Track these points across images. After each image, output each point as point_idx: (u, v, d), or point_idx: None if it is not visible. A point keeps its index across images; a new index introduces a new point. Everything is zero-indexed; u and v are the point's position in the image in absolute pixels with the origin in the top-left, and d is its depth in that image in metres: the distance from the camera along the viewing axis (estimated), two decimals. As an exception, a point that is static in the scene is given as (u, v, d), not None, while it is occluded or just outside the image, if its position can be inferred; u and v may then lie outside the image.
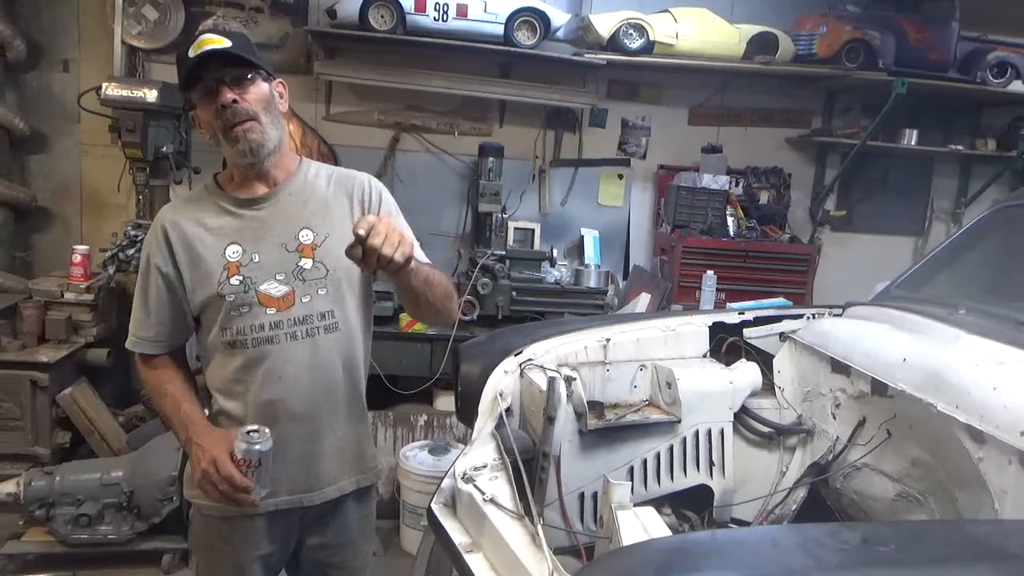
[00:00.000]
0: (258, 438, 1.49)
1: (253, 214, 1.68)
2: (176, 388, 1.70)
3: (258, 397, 1.65)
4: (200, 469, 1.54)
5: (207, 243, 1.65)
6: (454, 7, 3.86)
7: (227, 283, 1.62)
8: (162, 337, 1.72)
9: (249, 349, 1.64)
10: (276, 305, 1.63)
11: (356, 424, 1.80)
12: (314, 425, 1.70)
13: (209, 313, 1.66)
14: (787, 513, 2.35)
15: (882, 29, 4.20)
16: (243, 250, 1.64)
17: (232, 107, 1.57)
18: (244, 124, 1.59)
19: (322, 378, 1.69)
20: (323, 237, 1.67)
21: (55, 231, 4.25)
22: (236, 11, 4.17)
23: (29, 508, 3.04)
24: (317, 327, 1.66)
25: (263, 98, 1.63)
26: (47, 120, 4.16)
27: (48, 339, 3.50)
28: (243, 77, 1.60)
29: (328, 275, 1.67)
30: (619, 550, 1.31)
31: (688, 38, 4.11)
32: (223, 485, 1.51)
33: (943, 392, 1.85)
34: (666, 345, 2.47)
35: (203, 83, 1.59)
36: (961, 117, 4.80)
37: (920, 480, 2.02)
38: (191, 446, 1.59)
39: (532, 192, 4.52)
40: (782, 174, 4.69)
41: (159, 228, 1.68)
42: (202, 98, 1.60)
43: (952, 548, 1.19)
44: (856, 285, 3.66)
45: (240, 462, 1.50)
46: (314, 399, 1.69)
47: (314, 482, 1.73)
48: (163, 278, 1.67)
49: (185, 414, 1.64)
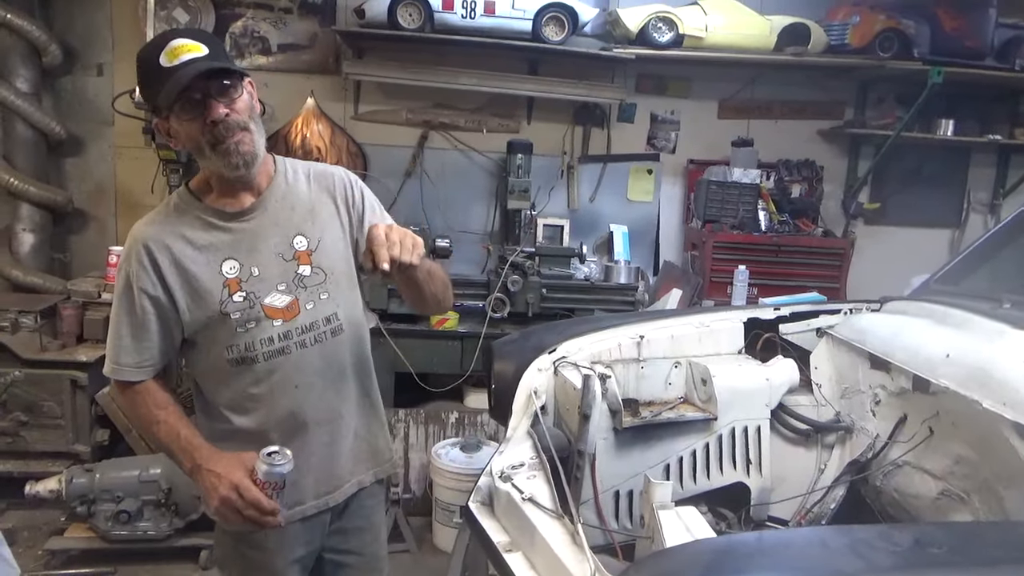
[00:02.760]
0: (280, 460, 1.45)
1: (243, 226, 1.61)
2: (170, 414, 1.61)
3: (277, 410, 1.63)
4: (218, 497, 1.48)
5: (199, 262, 1.57)
6: (482, 4, 3.85)
7: (230, 300, 1.57)
8: (148, 362, 1.62)
9: (260, 363, 1.60)
10: (282, 316, 1.61)
11: (370, 418, 1.80)
12: (333, 427, 1.70)
13: (207, 333, 1.60)
14: (825, 512, 2.32)
15: (916, 17, 4.11)
16: (240, 265, 1.59)
17: (224, 121, 1.49)
18: (236, 136, 1.51)
19: (335, 380, 1.68)
20: (316, 241, 1.66)
21: (91, 232, 4.33)
22: (265, 12, 4.21)
23: (71, 505, 3.10)
24: (324, 331, 1.65)
25: (248, 106, 1.55)
26: (82, 123, 4.22)
27: (87, 339, 3.56)
28: (229, 86, 1.51)
29: (327, 279, 1.66)
30: (663, 551, 1.30)
31: (718, 31, 4.06)
32: (249, 511, 1.46)
33: (989, 388, 1.81)
34: (701, 342, 2.45)
35: (187, 95, 1.47)
36: (999, 106, 4.67)
37: (964, 478, 1.98)
38: (200, 473, 1.52)
39: (561, 188, 4.50)
40: (814, 167, 4.62)
41: (140, 248, 1.57)
42: (184, 110, 1.48)
43: (1006, 550, 1.16)
44: (891, 279, 3.60)
45: (263, 485, 1.46)
46: (330, 402, 1.68)
47: (336, 481, 1.73)
48: (151, 301, 1.57)
49: (186, 440, 1.57)
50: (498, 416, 2.33)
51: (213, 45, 1.52)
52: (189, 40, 1.49)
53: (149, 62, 1.48)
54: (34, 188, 3.92)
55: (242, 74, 1.55)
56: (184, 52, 1.46)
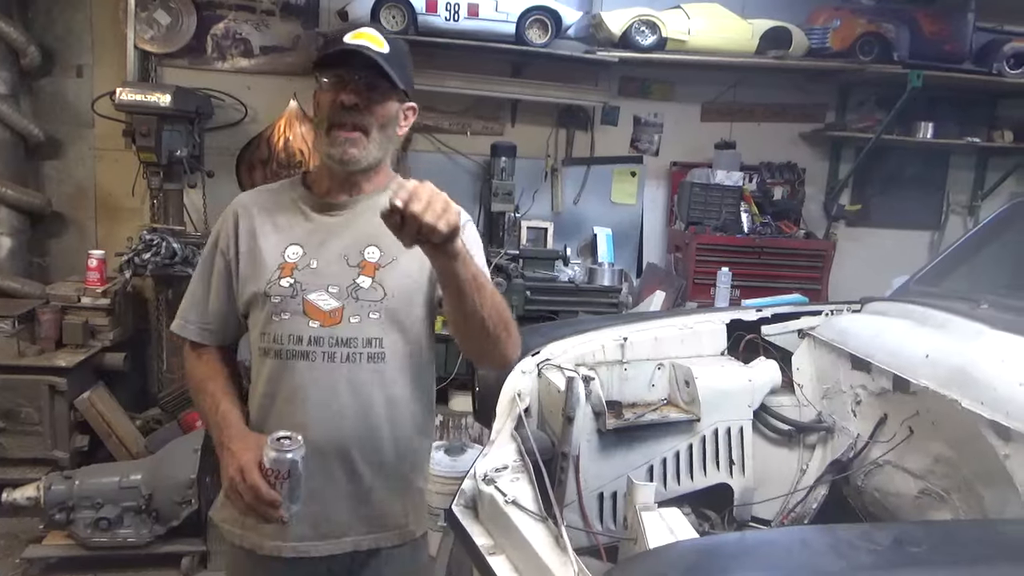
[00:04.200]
0: (289, 445, 1.33)
1: (324, 219, 1.56)
2: (218, 387, 1.56)
3: (280, 418, 1.48)
4: (227, 476, 1.40)
5: (271, 239, 1.54)
6: (465, 7, 3.85)
7: (276, 283, 1.50)
8: (210, 325, 1.60)
9: (280, 359, 1.50)
10: (321, 319, 1.48)
11: (388, 477, 1.55)
12: (339, 462, 1.50)
13: (254, 313, 1.55)
14: (808, 511, 2.33)
15: (896, 21, 4.16)
16: (303, 253, 1.52)
17: (350, 110, 1.46)
18: (351, 132, 1.48)
19: (356, 411, 1.49)
20: (389, 259, 1.52)
21: (71, 236, 4.27)
22: (247, 14, 4.18)
23: (49, 512, 3.05)
24: (360, 352, 1.49)
25: (386, 119, 1.52)
26: (61, 126, 4.17)
27: (66, 344, 3.52)
28: (379, 87, 1.48)
29: (384, 299, 1.50)
30: (647, 552, 1.30)
31: (700, 34, 4.08)
32: (248, 496, 1.36)
33: (968, 388, 1.83)
34: (683, 343, 2.46)
35: (337, 71, 1.48)
36: (977, 109, 4.74)
37: (944, 477, 2.00)
38: (222, 451, 1.45)
39: (545, 191, 4.50)
40: (796, 169, 4.66)
41: (232, 212, 1.59)
42: (329, 83, 1.49)
43: (985, 548, 1.17)
44: (872, 280, 3.64)
45: (268, 472, 1.34)
46: (342, 432, 1.49)
47: (325, 529, 1.52)
48: (224, 263, 1.57)
49: (222, 415, 1.50)
50: (482, 419, 2.33)
51: (396, 54, 1.51)
52: (379, 35, 1.50)
53: (335, 35, 1.53)
54: (12, 191, 3.86)
55: (402, 93, 1.53)
56: (366, 39, 1.48)
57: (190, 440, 3.23)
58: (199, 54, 4.17)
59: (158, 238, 3.60)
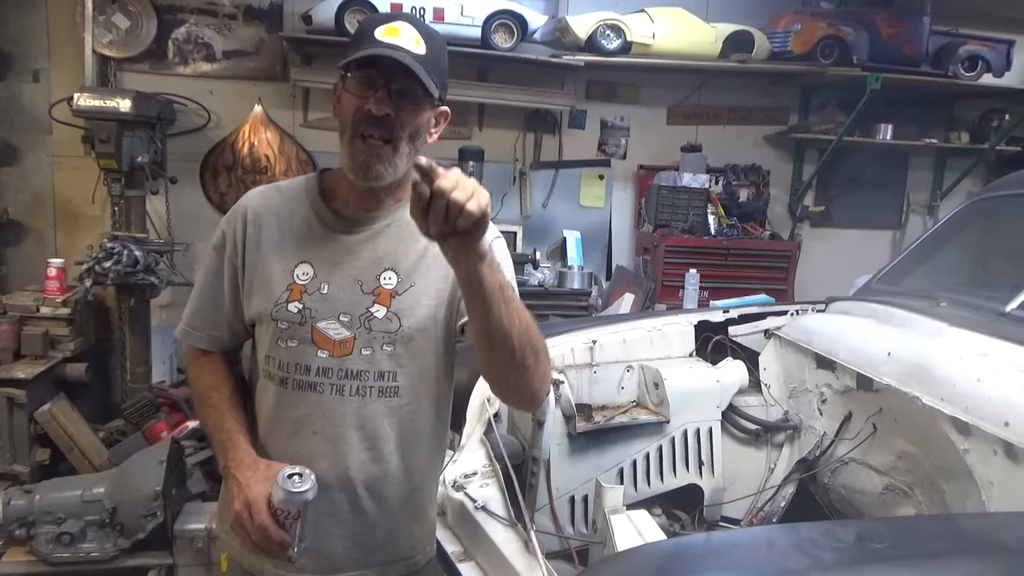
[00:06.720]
0: (300, 484, 1.25)
1: (340, 236, 1.42)
2: (222, 399, 1.45)
3: (284, 448, 1.40)
4: (234, 509, 1.31)
5: (280, 253, 1.42)
6: (430, 11, 3.84)
7: (284, 307, 1.39)
8: (215, 332, 1.49)
9: (286, 388, 1.40)
10: (331, 349, 1.37)
11: (403, 515, 1.47)
12: (344, 497, 1.41)
13: (259, 329, 1.44)
14: (776, 510, 2.36)
15: (855, 25, 4.24)
16: (314, 274, 1.40)
17: (378, 119, 1.31)
18: (376, 142, 1.33)
19: (364, 447, 1.40)
20: (407, 285, 1.39)
21: (28, 244, 4.17)
22: (209, 18, 4.13)
23: (8, 528, 2.97)
24: (371, 387, 1.39)
25: (416, 128, 1.36)
26: (18, 132, 4.07)
27: (24, 355, 3.42)
28: (413, 94, 1.33)
29: (399, 330, 1.38)
30: (615, 555, 1.31)
31: (665, 38, 4.12)
32: (256, 535, 1.28)
33: (928, 385, 1.86)
34: (652, 345, 2.48)
35: (366, 72, 1.32)
36: (935, 111, 4.86)
37: (907, 473, 2.04)
38: (228, 476, 1.36)
39: (513, 195, 4.51)
40: (761, 171, 4.73)
41: (240, 216, 1.45)
42: (358, 82, 1.33)
43: (945, 543, 1.20)
44: (836, 279, 3.69)
45: (278, 511, 1.27)
46: (348, 468, 1.40)
47: (327, 564, 1.42)
48: (232, 270, 1.45)
49: (227, 435, 1.40)
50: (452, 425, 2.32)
51: (434, 54, 1.34)
52: (415, 32, 1.33)
53: (366, 27, 1.36)
54: (-34, 199, 3.77)
55: (438, 100, 1.37)
56: (400, 36, 1.32)
57: (155, 452, 3.17)
58: (160, 58, 4.11)
59: (119, 246, 3.53)
